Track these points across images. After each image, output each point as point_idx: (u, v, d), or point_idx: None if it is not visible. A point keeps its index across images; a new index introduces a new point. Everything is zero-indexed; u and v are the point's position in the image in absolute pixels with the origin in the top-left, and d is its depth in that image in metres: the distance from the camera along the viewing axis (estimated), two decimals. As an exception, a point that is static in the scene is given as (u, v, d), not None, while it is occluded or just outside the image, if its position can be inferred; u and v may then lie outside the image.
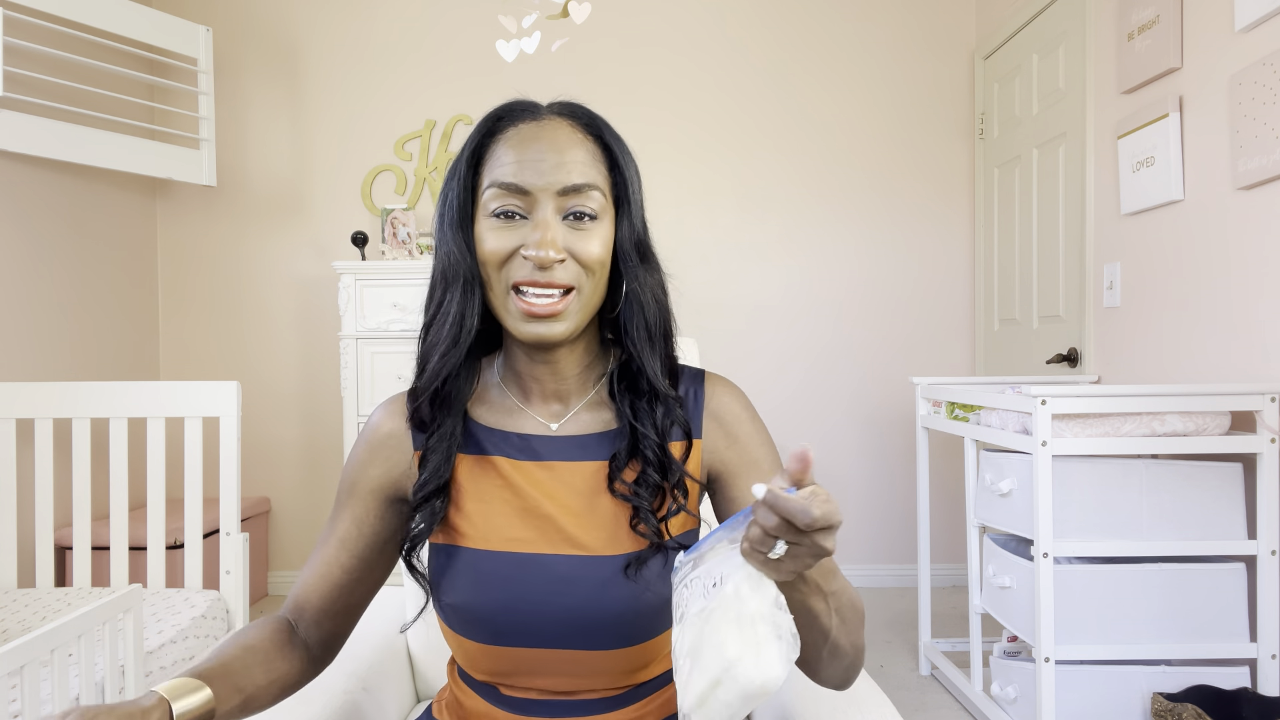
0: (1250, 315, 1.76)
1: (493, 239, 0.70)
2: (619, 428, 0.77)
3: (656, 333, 0.76)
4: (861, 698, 0.93)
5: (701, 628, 0.56)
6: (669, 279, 0.79)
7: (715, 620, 0.55)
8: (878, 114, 3.16)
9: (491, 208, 0.71)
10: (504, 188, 0.70)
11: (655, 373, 0.75)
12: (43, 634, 1.21)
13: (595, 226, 0.71)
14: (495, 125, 0.74)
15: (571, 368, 0.78)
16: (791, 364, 3.19)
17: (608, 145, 0.75)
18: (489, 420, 0.80)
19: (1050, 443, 1.66)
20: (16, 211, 2.42)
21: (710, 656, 0.55)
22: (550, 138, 0.71)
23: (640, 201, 0.76)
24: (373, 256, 3.02)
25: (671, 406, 0.76)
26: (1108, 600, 1.69)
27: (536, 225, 0.69)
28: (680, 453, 0.78)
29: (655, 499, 0.75)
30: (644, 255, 0.76)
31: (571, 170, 0.70)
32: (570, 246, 0.70)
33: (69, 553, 2.43)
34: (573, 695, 0.77)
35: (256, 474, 3.15)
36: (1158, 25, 1.99)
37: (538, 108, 0.75)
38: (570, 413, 0.79)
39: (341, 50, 3.14)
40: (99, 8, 2.50)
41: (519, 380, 0.79)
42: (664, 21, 3.15)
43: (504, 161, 0.71)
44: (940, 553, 3.03)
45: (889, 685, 2.26)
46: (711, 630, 0.55)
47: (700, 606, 0.57)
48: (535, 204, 0.70)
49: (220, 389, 2.09)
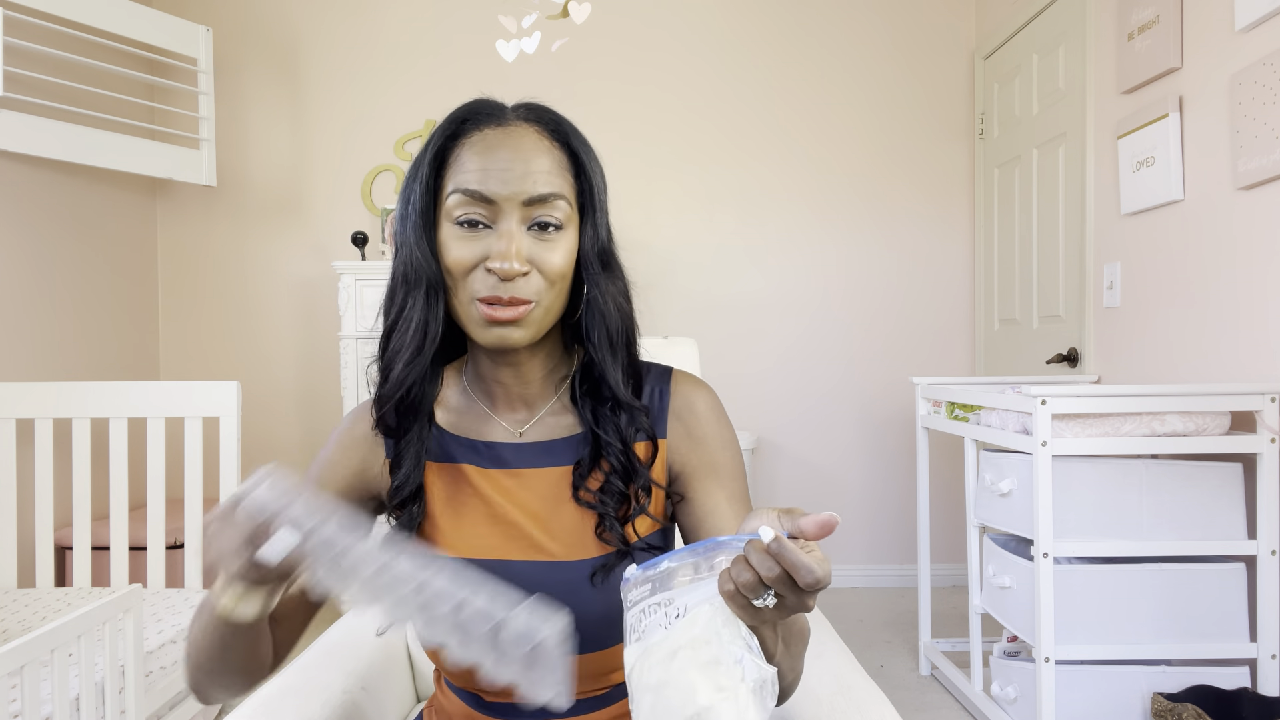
0: (1250, 315, 1.76)
1: (457, 248, 0.69)
2: (583, 432, 0.77)
3: (619, 340, 0.75)
4: (861, 698, 0.93)
5: (668, 665, 0.53)
6: (632, 286, 0.78)
7: (683, 660, 0.52)
8: (877, 114, 3.16)
9: (455, 215, 0.69)
10: (468, 195, 0.69)
11: (617, 382, 0.75)
12: (43, 634, 1.21)
13: (559, 237, 0.70)
14: (460, 128, 0.72)
15: (535, 371, 0.78)
16: (791, 364, 3.19)
17: (574, 151, 0.73)
18: (456, 428, 0.79)
19: (1050, 443, 1.66)
20: (17, 211, 2.42)
21: (677, 700, 0.52)
22: (516, 144, 0.70)
23: (605, 208, 0.75)
24: (373, 256, 3.02)
25: (636, 415, 0.76)
26: (1108, 600, 1.69)
27: (501, 235, 0.68)
28: (645, 454, 0.77)
29: (620, 506, 0.75)
30: (606, 263, 0.75)
31: (538, 179, 0.69)
32: (533, 257, 0.69)
33: (69, 553, 2.43)
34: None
35: (256, 474, 3.14)
36: (1158, 25, 1.99)
37: (503, 111, 0.74)
38: (535, 418, 0.79)
39: (341, 50, 3.14)
40: (99, 8, 2.50)
41: (485, 385, 0.79)
42: (664, 22, 3.15)
43: (468, 168, 0.69)
44: (940, 553, 3.03)
45: (889, 685, 2.26)
46: (679, 670, 0.52)
47: (662, 638, 0.54)
48: (500, 213, 0.69)
49: (220, 389, 2.09)
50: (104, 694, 1.46)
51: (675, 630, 0.53)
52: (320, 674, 1.01)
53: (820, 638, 1.12)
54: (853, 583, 3.20)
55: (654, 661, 0.53)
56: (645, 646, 0.54)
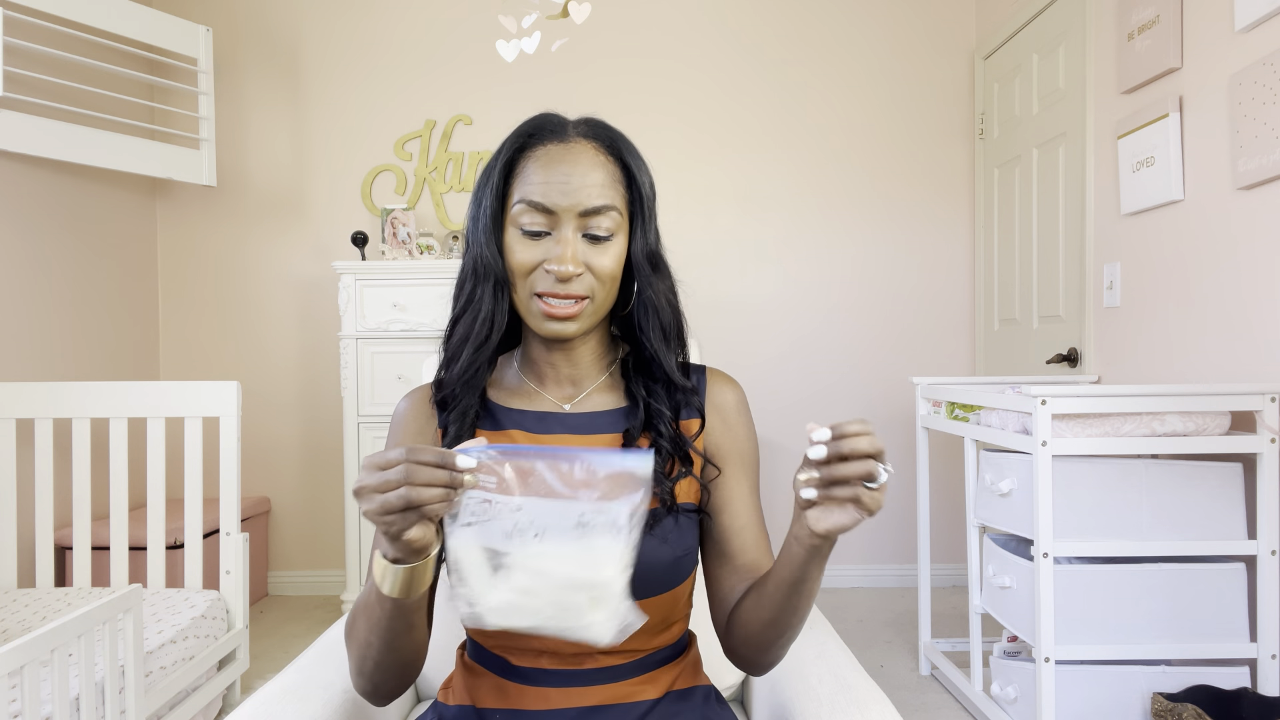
0: (1250, 315, 1.76)
1: (521, 251, 0.79)
2: (629, 406, 0.86)
3: (671, 333, 0.84)
4: (861, 698, 0.93)
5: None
6: (679, 285, 0.86)
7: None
8: (877, 114, 3.16)
9: (520, 222, 0.79)
10: (532, 205, 0.78)
11: (672, 366, 0.84)
12: (43, 634, 1.21)
13: (610, 244, 0.80)
14: (526, 141, 0.81)
15: (585, 356, 0.86)
16: (791, 363, 3.19)
17: (626, 164, 0.83)
18: (507, 402, 0.87)
19: (1050, 443, 1.66)
20: (16, 211, 2.42)
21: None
22: (574, 160, 0.79)
23: (654, 214, 0.84)
24: (373, 256, 3.02)
25: (689, 395, 0.85)
26: (1108, 600, 1.69)
27: (558, 241, 0.78)
28: (689, 433, 0.86)
29: (666, 465, 0.82)
30: (655, 265, 0.84)
31: (592, 193, 0.78)
32: (587, 260, 0.78)
33: (69, 553, 2.43)
34: (581, 665, 0.80)
35: (256, 474, 3.15)
36: (1158, 25, 1.99)
37: (564, 127, 0.82)
38: (583, 394, 0.86)
39: (341, 50, 3.14)
40: (99, 8, 2.50)
41: (535, 368, 0.87)
42: (664, 22, 3.15)
43: (533, 180, 0.79)
44: (940, 553, 3.03)
45: (889, 685, 2.26)
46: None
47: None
48: (558, 222, 0.78)
49: (220, 389, 2.09)
50: (104, 694, 1.46)
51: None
52: (320, 674, 1.01)
53: (820, 638, 1.12)
54: (853, 583, 3.20)
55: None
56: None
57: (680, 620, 0.87)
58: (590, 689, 0.80)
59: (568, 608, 0.62)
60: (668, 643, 0.85)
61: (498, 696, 0.82)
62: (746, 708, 1.21)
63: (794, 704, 0.97)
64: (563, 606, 0.62)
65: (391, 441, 0.87)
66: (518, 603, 0.62)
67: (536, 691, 0.80)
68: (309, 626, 2.79)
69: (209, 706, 2.04)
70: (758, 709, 1.13)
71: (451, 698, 0.87)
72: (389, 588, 0.66)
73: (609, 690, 0.81)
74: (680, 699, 0.84)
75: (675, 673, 0.85)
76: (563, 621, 0.63)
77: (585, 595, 0.62)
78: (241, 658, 2.14)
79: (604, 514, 0.61)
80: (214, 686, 2.00)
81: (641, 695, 0.82)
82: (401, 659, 0.74)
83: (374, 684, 0.77)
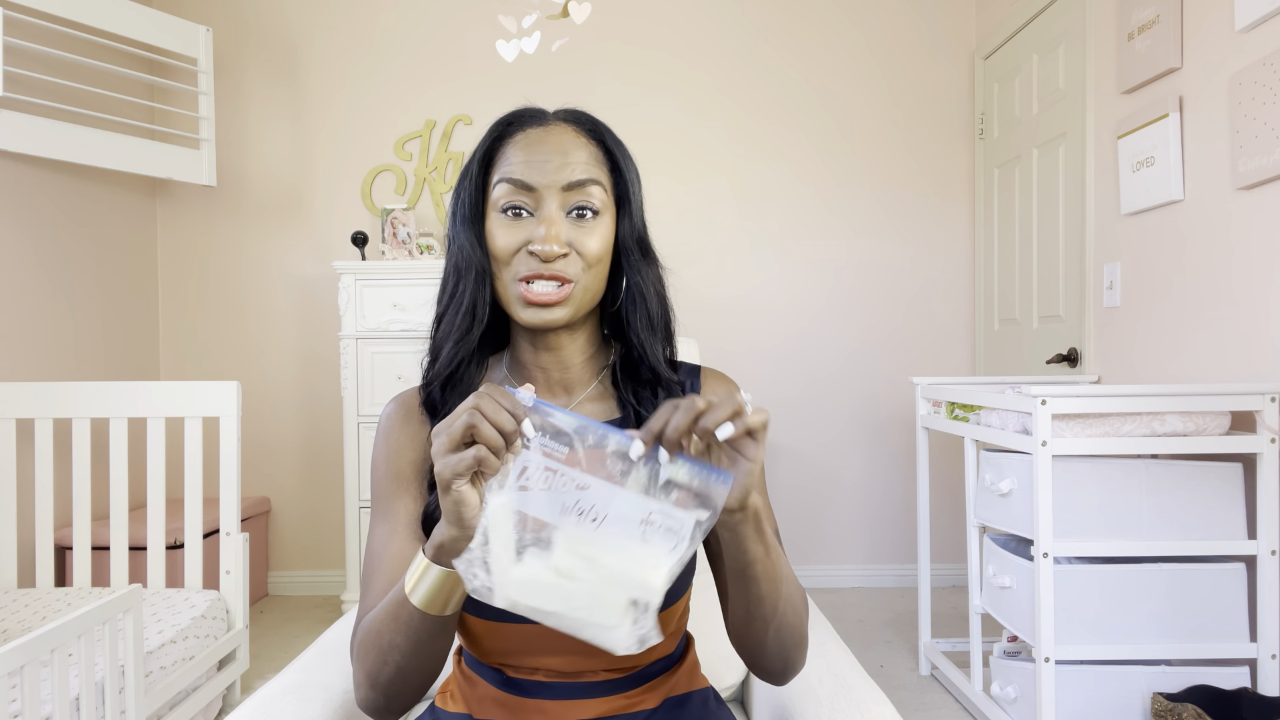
0: (1250, 315, 1.76)
1: (502, 235, 0.75)
2: (622, 416, 0.82)
3: (658, 324, 0.81)
4: (861, 698, 0.93)
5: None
6: (667, 274, 0.83)
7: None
8: (878, 114, 3.16)
9: (501, 204, 0.75)
10: (512, 184, 0.75)
11: (658, 358, 0.80)
12: (43, 634, 1.21)
13: (596, 222, 0.76)
14: (505, 130, 0.78)
15: (574, 356, 0.82)
16: (790, 363, 3.19)
17: (609, 149, 0.79)
18: None
19: (1050, 443, 1.66)
20: (16, 211, 2.42)
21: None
22: (556, 140, 0.76)
23: (640, 201, 0.81)
24: (373, 256, 3.02)
25: (674, 391, 0.81)
26: (1108, 600, 1.69)
27: (542, 220, 0.74)
28: None
29: None
30: (644, 251, 0.81)
31: (575, 168, 0.75)
32: (572, 240, 0.74)
33: (69, 553, 2.43)
34: (578, 677, 0.79)
35: (256, 474, 3.15)
36: (1158, 25, 1.99)
37: (544, 114, 0.80)
38: (574, 402, 0.83)
39: (341, 50, 3.14)
40: (99, 8, 2.50)
41: (524, 371, 0.83)
42: (663, 22, 3.15)
43: (513, 161, 0.76)
44: (940, 553, 3.03)
45: (889, 685, 2.26)
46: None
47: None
48: (541, 200, 0.74)
49: (220, 389, 2.09)
50: (104, 694, 1.46)
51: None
52: (320, 674, 1.01)
53: (820, 638, 1.12)
54: (853, 583, 3.20)
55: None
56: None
57: (679, 630, 0.86)
58: (589, 701, 0.79)
59: (603, 603, 0.58)
60: (665, 653, 0.84)
61: (495, 709, 0.81)
62: (747, 708, 1.21)
63: (794, 704, 0.97)
64: (599, 600, 0.58)
65: (379, 448, 0.82)
66: (550, 582, 0.57)
67: (535, 704, 0.79)
68: (309, 626, 2.79)
69: (209, 706, 2.04)
70: (758, 709, 1.13)
71: (450, 704, 0.86)
72: (421, 595, 0.64)
73: (608, 703, 0.80)
74: (677, 705, 0.84)
75: (672, 680, 0.85)
76: (590, 615, 0.58)
77: (626, 595, 0.58)
78: (241, 658, 2.14)
79: (672, 519, 0.58)
80: (214, 686, 2.00)
81: (640, 706, 0.81)
82: (424, 665, 0.71)
83: (388, 696, 0.72)
